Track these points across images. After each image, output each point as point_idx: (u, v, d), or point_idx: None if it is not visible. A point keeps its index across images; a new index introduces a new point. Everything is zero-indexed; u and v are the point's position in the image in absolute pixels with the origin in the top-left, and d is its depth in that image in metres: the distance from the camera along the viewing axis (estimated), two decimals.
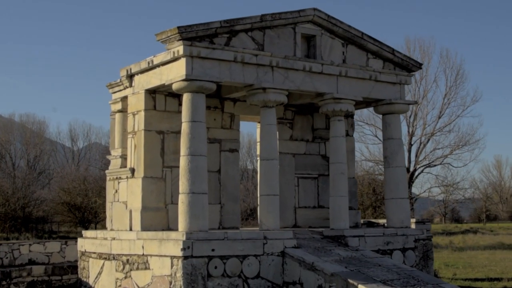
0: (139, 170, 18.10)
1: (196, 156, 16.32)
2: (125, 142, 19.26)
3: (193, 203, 16.15)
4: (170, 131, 18.37)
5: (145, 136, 18.02)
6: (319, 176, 21.35)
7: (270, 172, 17.47)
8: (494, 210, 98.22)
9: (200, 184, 16.28)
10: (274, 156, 17.58)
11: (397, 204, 19.67)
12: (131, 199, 18.29)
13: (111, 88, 19.67)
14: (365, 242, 18.38)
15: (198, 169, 16.29)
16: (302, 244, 17.33)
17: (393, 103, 19.80)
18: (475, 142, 55.38)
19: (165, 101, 18.41)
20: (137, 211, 17.87)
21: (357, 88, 19.22)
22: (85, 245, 19.76)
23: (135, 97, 18.51)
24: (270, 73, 17.71)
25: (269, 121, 17.67)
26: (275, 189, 17.46)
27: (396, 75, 19.94)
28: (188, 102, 16.49)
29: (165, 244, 16.00)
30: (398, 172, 19.81)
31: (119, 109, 19.43)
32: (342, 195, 18.72)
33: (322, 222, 21.15)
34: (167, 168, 18.25)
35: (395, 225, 19.57)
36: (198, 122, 16.45)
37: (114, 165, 19.36)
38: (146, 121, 18.07)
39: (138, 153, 18.18)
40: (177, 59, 16.74)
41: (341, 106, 18.76)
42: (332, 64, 18.64)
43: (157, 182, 18.08)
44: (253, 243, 16.34)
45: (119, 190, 18.96)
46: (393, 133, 19.96)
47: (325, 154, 21.49)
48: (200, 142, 16.42)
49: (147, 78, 17.99)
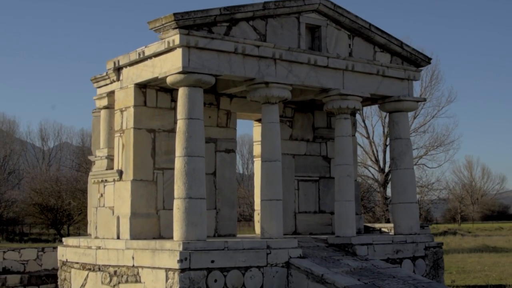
0: (127, 172, 16.44)
1: (193, 157, 14.72)
2: (111, 141, 17.58)
3: (191, 209, 14.56)
4: (161, 130, 16.74)
5: (134, 134, 16.37)
6: (320, 178, 19.85)
7: (273, 175, 15.93)
8: (465, 211, 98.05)
9: (198, 189, 14.69)
10: (277, 157, 16.05)
11: (406, 209, 18.24)
12: (118, 204, 16.63)
13: (96, 82, 17.98)
14: (374, 250, 16.92)
15: (195, 171, 14.70)
16: (308, 254, 15.82)
17: (402, 100, 18.38)
18: (449, 143, 55.02)
19: (156, 96, 16.77)
20: (126, 217, 16.22)
21: (364, 83, 17.77)
22: (66, 254, 18.03)
23: (123, 92, 16.84)
24: (273, 66, 16.18)
25: (272, 119, 16.12)
26: (278, 193, 15.93)
27: (404, 70, 18.52)
28: (184, 97, 14.88)
29: (159, 255, 14.38)
30: (407, 174, 18.39)
31: (105, 105, 17.75)
32: (349, 200, 17.23)
33: (323, 228, 19.66)
34: (158, 170, 16.61)
35: (403, 231, 18.14)
36: (196, 119, 14.85)
37: (99, 167, 17.67)
38: (135, 118, 16.42)
39: (126, 153, 16.52)
40: (172, 50, 15.13)
41: (347, 103, 17.29)
42: (338, 58, 17.17)
43: (147, 186, 16.44)
44: (256, 253, 14.80)
45: (105, 194, 17.27)
46: (401, 133, 18.54)
47: (327, 155, 20.01)
48: (198, 142, 14.83)
49: (137, 71, 16.34)
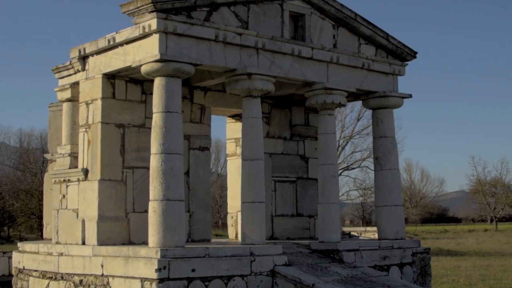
0: (94, 171, 14.89)
1: (171, 154, 13.29)
2: (75, 137, 15.99)
3: (168, 212, 13.12)
4: (131, 125, 15.24)
5: (102, 130, 14.84)
6: (297, 179, 18.58)
7: (255, 175, 14.60)
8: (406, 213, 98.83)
9: (176, 189, 13.27)
10: (260, 156, 14.73)
11: (391, 212, 17.14)
12: (84, 207, 15.06)
13: (58, 73, 16.35)
14: (361, 257, 15.76)
15: (173, 170, 13.27)
16: (292, 261, 14.55)
17: (387, 96, 17.28)
18: None
19: (126, 88, 15.27)
20: (93, 220, 14.66)
21: (348, 77, 16.61)
22: (23, 260, 16.35)
23: (89, 82, 15.28)
24: (255, 56, 14.88)
25: (254, 114, 14.80)
26: (260, 195, 14.61)
27: (389, 64, 17.44)
28: (161, 88, 13.43)
29: (133, 263, 12.90)
30: (392, 175, 17.29)
31: (68, 97, 16.14)
32: (334, 202, 16.05)
33: (301, 232, 18.40)
34: (127, 169, 15.11)
35: (389, 236, 17.04)
36: (174, 113, 13.43)
37: (61, 165, 16.05)
38: (103, 111, 14.89)
39: (93, 150, 14.97)
40: (147, 36, 13.68)
41: (333, 97, 16.09)
42: (323, 49, 15.96)
43: (116, 186, 14.92)
44: (239, 260, 13.46)
45: (68, 195, 15.67)
46: (386, 131, 17.44)
47: (304, 154, 18.76)
48: (175, 138, 13.41)
49: (106, 60, 14.81)
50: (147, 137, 15.26)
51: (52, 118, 19.62)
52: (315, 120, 18.83)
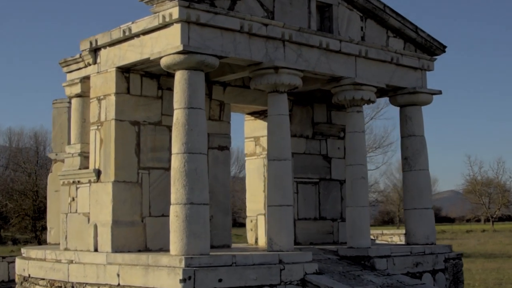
0: (107, 172, 13.78)
1: (195, 154, 12.20)
2: (85, 135, 14.87)
3: (192, 217, 12.03)
4: (147, 122, 14.13)
5: (116, 127, 13.73)
6: (320, 180, 17.49)
7: (282, 176, 13.53)
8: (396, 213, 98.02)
9: (200, 192, 12.18)
10: (287, 156, 13.66)
11: (422, 216, 16.13)
12: (96, 210, 13.95)
13: (66, 66, 15.21)
14: (393, 263, 14.73)
15: (198, 172, 12.17)
16: (322, 269, 13.49)
17: (417, 92, 16.25)
18: (388, 145, 53.59)
19: (141, 83, 14.17)
20: (106, 226, 13.55)
21: (377, 72, 15.59)
22: (28, 268, 15.21)
23: (101, 77, 14.17)
24: (281, 48, 13.81)
25: (281, 110, 13.72)
26: (288, 198, 13.55)
27: (418, 58, 16.42)
28: (183, 82, 12.33)
29: (154, 272, 11.80)
30: (422, 177, 16.28)
31: (77, 93, 15.01)
32: (363, 205, 15.00)
33: (324, 237, 17.33)
34: (143, 170, 14.00)
35: (419, 241, 16.02)
36: (198, 109, 12.34)
37: (70, 166, 14.92)
38: (117, 108, 13.78)
39: (105, 149, 13.86)
40: (168, 25, 12.59)
41: (362, 93, 15.05)
42: (351, 42, 14.92)
43: (131, 188, 13.81)
44: (269, 269, 12.38)
45: (78, 198, 14.55)
46: (415, 129, 16.42)
47: (327, 153, 17.68)
48: (199, 136, 12.32)
49: (121, 52, 13.70)
50: (163, 135, 14.22)
51: (57, 116, 18.57)
52: (337, 118, 17.80)
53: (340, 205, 17.63)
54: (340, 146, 17.75)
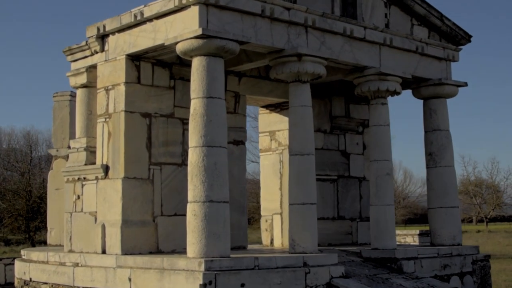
0: (116, 168, 12.77)
1: (215, 148, 11.20)
2: (91, 129, 13.88)
3: (212, 216, 11.04)
4: (159, 114, 13.14)
5: (125, 119, 12.72)
6: (338, 178, 16.52)
7: (306, 172, 12.57)
8: None
9: (220, 189, 11.19)
10: (310, 150, 12.69)
11: (447, 215, 15.20)
12: (104, 209, 12.93)
13: (70, 55, 14.20)
14: (421, 266, 13.80)
15: (217, 167, 11.18)
16: (348, 272, 12.52)
17: (443, 84, 15.33)
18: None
19: (152, 72, 13.17)
20: (115, 226, 12.55)
21: (401, 62, 14.67)
22: (30, 271, 14.19)
23: (109, 65, 13.16)
24: (304, 35, 12.85)
25: (304, 101, 12.75)
26: (312, 196, 12.58)
27: (443, 48, 15.50)
28: (201, 69, 11.34)
29: (171, 277, 10.81)
30: (448, 174, 15.35)
31: (83, 83, 13.99)
32: (389, 204, 14.03)
33: (343, 237, 16.36)
34: (155, 166, 13.00)
35: (445, 242, 15.10)
36: (217, 98, 11.34)
37: (75, 161, 13.91)
38: (127, 98, 12.77)
39: (114, 143, 12.85)
40: (184, 8, 11.61)
41: (387, 84, 14.11)
42: (376, 29, 13.99)
43: (142, 185, 12.80)
44: (293, 273, 11.41)
45: (84, 196, 13.53)
46: (440, 123, 15.49)
47: (345, 149, 16.71)
48: (219, 128, 11.32)
49: (131, 38, 12.69)
50: (176, 128, 13.25)
51: (57, 109, 17.64)
52: (356, 112, 16.85)
53: (359, 204, 16.68)
54: (358, 142, 16.81)
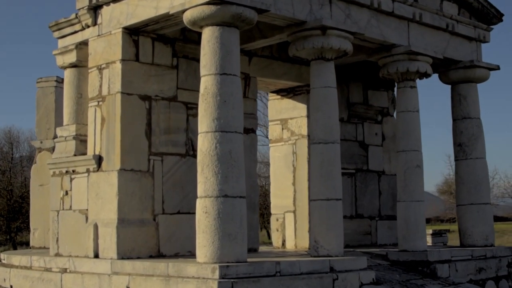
0: (111, 158, 11.05)
1: (229, 133, 9.53)
2: (81, 115, 12.16)
3: (227, 214, 9.35)
4: (160, 97, 11.43)
5: (122, 102, 11.01)
6: (356, 171, 14.87)
7: (330, 163, 10.93)
8: None
9: (236, 182, 9.51)
10: (335, 137, 11.08)
11: (479, 213, 13.66)
12: (96, 207, 11.21)
13: (57, 30, 12.45)
14: (455, 270, 12.20)
15: (233, 155, 9.50)
16: (379, 278, 10.89)
17: (474, 66, 13.78)
18: None
19: (152, 48, 11.46)
20: (110, 226, 10.82)
21: (431, 41, 13.10)
22: (10, 278, 12.42)
23: (103, 41, 11.44)
24: (328, 6, 11.23)
25: (328, 81, 11.14)
26: (337, 190, 10.95)
27: (474, 27, 13.93)
28: (214, 41, 9.65)
29: (178, 285, 9.14)
30: (479, 166, 13.81)
31: (72, 62, 12.25)
32: (419, 200, 12.43)
33: (361, 238, 14.72)
34: (155, 156, 11.29)
35: (476, 242, 13.56)
36: (232, 75, 9.67)
37: (63, 152, 12.17)
38: (124, 78, 11.06)
39: (109, 130, 11.14)
40: None
41: (418, 65, 12.52)
42: (404, 2, 12.37)
43: (141, 179, 11.09)
44: (320, 279, 9.78)
45: (73, 191, 11.80)
46: (471, 110, 13.94)
47: (363, 140, 15.07)
48: (235, 110, 9.65)
49: (129, 9, 10.98)
50: (179, 114, 11.59)
51: (41, 96, 15.88)
52: (375, 99, 15.25)
53: (378, 200, 15.08)
54: (377, 132, 15.20)
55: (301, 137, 13.94)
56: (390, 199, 15.16)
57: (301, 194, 13.75)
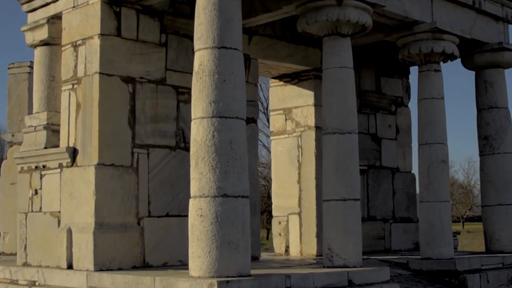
0: (87, 152, 9.35)
1: (230, 119, 7.83)
2: (54, 100, 10.42)
3: (227, 217, 7.66)
4: (146, 80, 9.74)
5: (101, 85, 9.31)
6: (368, 168, 13.21)
7: (347, 157, 9.28)
8: None
9: (238, 179, 7.82)
10: (353, 127, 9.42)
11: (509, 214, 12.07)
12: (70, 208, 9.50)
13: (27, 3, 10.72)
14: (487, 281, 10.58)
15: (234, 146, 7.81)
16: None
17: (503, 49, 12.23)
18: None
19: (137, 22, 9.77)
20: (86, 231, 9.11)
21: (456, 19, 11.52)
22: None
23: (79, 13, 9.73)
24: None
25: (343, 61, 9.48)
26: (355, 189, 9.30)
27: (501, 5, 12.33)
28: (210, 8, 7.98)
29: None
30: (508, 162, 12.21)
31: (43, 39, 10.50)
32: (445, 200, 10.81)
33: (374, 243, 13.06)
34: (140, 149, 9.60)
35: (505, 248, 12.06)
36: (233, 49, 7.99)
37: (31, 144, 10.45)
38: (102, 56, 9.36)
39: (85, 118, 9.44)
40: None
41: (443, 45, 10.92)
42: None
43: (123, 175, 9.39)
44: None
45: (43, 190, 10.08)
46: (498, 99, 12.37)
47: (376, 132, 13.43)
48: (237, 91, 7.96)
49: None
50: (169, 99, 9.94)
51: (13, 84, 14.31)
52: (388, 87, 13.65)
53: (391, 201, 13.47)
54: (391, 124, 13.59)
55: (308, 128, 12.29)
56: (404, 199, 13.59)
57: (308, 193, 12.09)
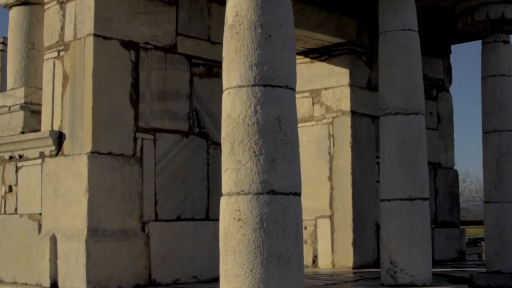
0: (78, 137, 7.24)
1: (278, 88, 5.74)
2: (33, 74, 8.31)
3: (275, 222, 5.57)
4: (152, 45, 7.67)
5: (96, 51, 7.21)
6: None
7: (414, 144, 7.32)
8: None
9: (289, 168, 5.72)
10: (419, 106, 7.40)
11: None
12: (55, 209, 7.37)
13: None
14: None
15: (283, 125, 5.73)
16: None
17: None
18: None
19: None
20: (76, 239, 7.00)
21: None
22: None
23: None
24: None
25: (407, 23, 7.54)
26: (423, 184, 7.29)
27: None
28: None
29: None
30: None
31: None
32: None
33: None
34: (145, 134, 7.53)
35: None
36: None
37: (6, 128, 8.31)
38: (97, 14, 7.27)
39: (75, 95, 7.33)
40: None
41: None
42: None
43: (123, 167, 7.29)
44: None
45: (19, 186, 7.95)
46: None
47: None
48: (286, 52, 5.85)
49: None
50: (180, 71, 7.90)
51: None
52: (428, 68, 11.78)
53: (433, 202, 11.50)
54: (432, 111, 11.60)
55: (341, 114, 10.24)
56: (447, 200, 11.65)
57: (342, 192, 10.05)
